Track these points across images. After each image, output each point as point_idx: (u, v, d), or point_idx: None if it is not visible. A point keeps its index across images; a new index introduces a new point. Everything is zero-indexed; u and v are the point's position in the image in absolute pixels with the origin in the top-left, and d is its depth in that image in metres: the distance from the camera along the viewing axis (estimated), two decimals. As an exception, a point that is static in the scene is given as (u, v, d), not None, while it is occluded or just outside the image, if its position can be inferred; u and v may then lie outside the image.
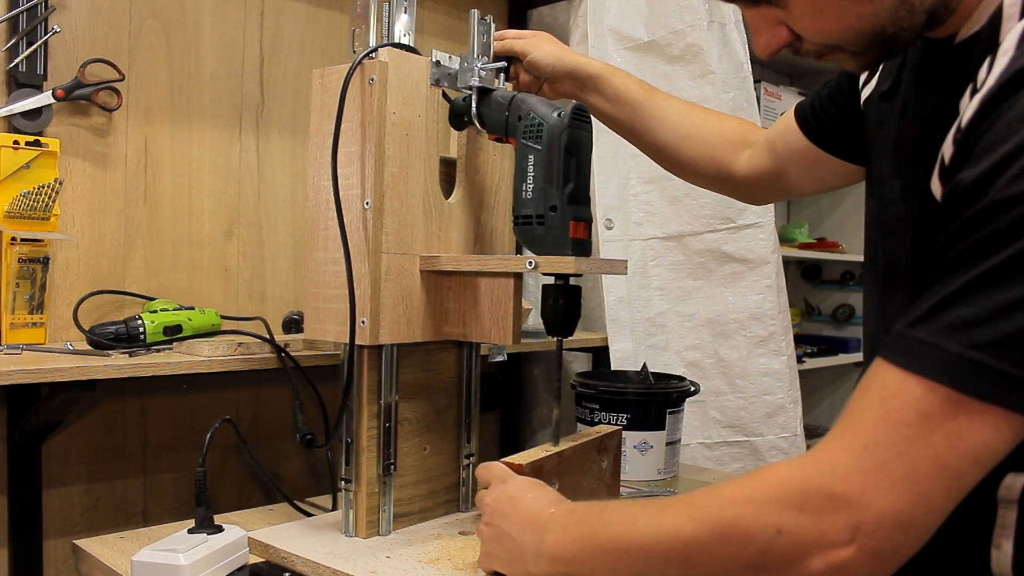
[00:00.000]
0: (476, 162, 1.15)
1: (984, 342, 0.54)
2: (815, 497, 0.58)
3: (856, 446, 0.57)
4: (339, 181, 1.00)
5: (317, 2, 1.60)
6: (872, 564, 0.56)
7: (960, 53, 0.69)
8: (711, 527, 0.63)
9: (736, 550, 0.61)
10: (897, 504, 0.55)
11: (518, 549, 0.80)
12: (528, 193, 1.00)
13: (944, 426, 0.55)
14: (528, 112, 1.01)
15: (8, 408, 1.24)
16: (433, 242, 1.08)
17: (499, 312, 1.03)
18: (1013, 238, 0.54)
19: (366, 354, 1.02)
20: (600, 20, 1.83)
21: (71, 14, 1.30)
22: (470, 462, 1.17)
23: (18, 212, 1.19)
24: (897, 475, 0.55)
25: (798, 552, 0.58)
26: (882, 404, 0.57)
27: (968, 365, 0.54)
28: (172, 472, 1.43)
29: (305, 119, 1.59)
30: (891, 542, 0.56)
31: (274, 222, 1.55)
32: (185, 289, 1.44)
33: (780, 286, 1.77)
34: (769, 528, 0.59)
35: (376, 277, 1.00)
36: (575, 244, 0.98)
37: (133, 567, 0.87)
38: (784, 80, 2.75)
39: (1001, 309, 0.53)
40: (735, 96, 1.75)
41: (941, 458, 0.55)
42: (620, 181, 1.82)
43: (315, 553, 0.97)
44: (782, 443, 1.77)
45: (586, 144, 1.01)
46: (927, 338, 0.56)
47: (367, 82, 1.00)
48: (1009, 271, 0.54)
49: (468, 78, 1.08)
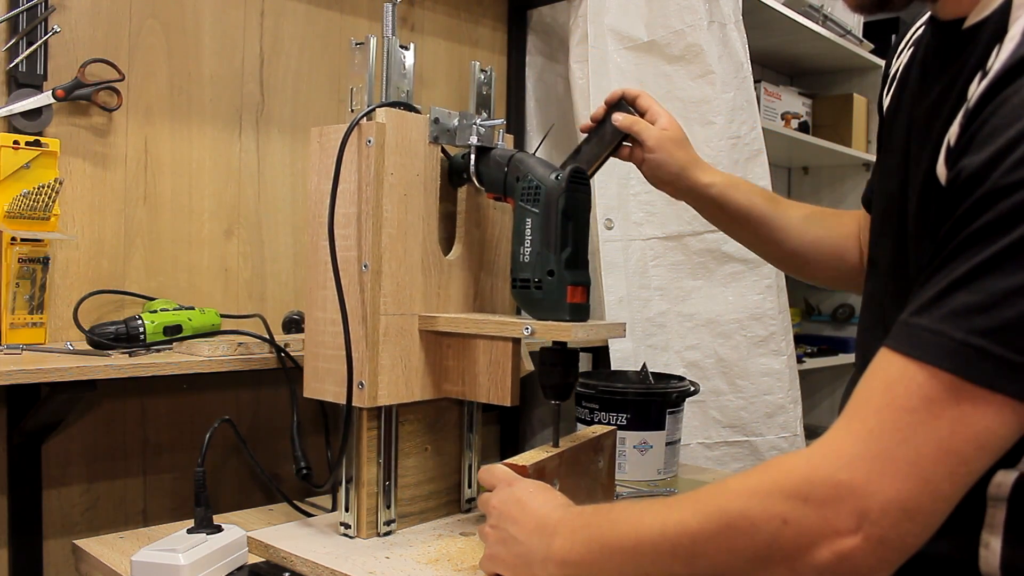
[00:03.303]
0: (476, 217, 1.14)
1: (986, 328, 0.53)
2: (820, 486, 0.57)
3: (860, 434, 0.57)
4: (336, 243, 0.99)
5: (317, 2, 1.60)
6: (879, 553, 0.56)
7: (968, 38, 0.68)
8: (717, 519, 0.63)
9: (742, 542, 0.61)
10: (903, 491, 0.55)
11: (525, 553, 0.80)
12: (526, 257, 0.99)
13: (948, 412, 0.54)
14: (526, 174, 1.00)
15: (8, 408, 1.24)
16: (432, 300, 1.08)
17: (498, 372, 1.02)
18: (1015, 224, 0.53)
19: (365, 415, 1.02)
20: (600, 20, 1.82)
21: (71, 14, 1.30)
22: (471, 464, 1.17)
23: (18, 212, 1.19)
24: (902, 461, 0.55)
25: (804, 542, 0.58)
26: (886, 391, 0.57)
27: (971, 351, 0.54)
28: (172, 472, 1.43)
29: (305, 119, 1.59)
30: (897, 530, 0.56)
31: (274, 222, 1.55)
32: (185, 289, 1.44)
33: (780, 286, 1.77)
34: (775, 518, 0.59)
35: (374, 339, 1.00)
36: (573, 309, 0.97)
37: (132, 567, 0.87)
38: (784, 80, 2.75)
39: (1003, 295, 0.53)
40: (735, 96, 1.75)
41: (945, 444, 0.55)
42: (620, 181, 1.82)
43: (314, 553, 0.97)
44: (782, 443, 1.77)
45: (584, 207, 1.00)
46: (930, 325, 0.56)
47: (364, 143, 0.99)
48: (1011, 257, 0.53)
49: (467, 136, 1.07)
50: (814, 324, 2.96)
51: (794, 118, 2.50)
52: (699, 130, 1.77)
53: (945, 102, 0.68)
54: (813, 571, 0.58)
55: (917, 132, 0.75)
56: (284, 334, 1.43)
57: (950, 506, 0.57)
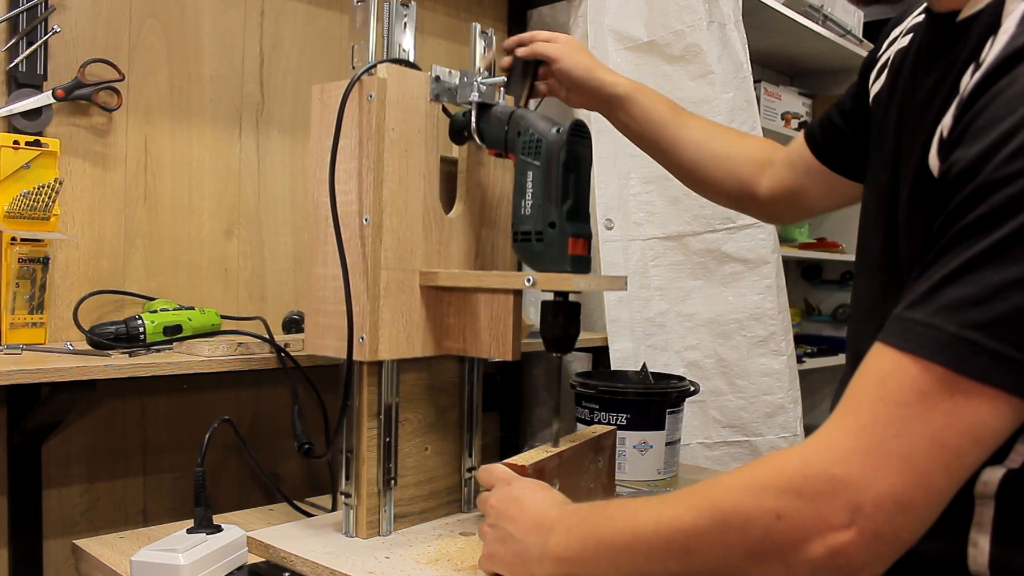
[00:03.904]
0: (477, 176, 1.15)
1: (980, 322, 0.53)
2: (813, 480, 0.57)
3: (854, 428, 0.57)
4: (337, 197, 0.99)
5: (317, 2, 1.60)
6: (873, 548, 0.56)
7: (962, 31, 0.68)
8: (711, 515, 0.63)
9: (736, 537, 0.61)
10: (896, 485, 0.55)
11: (523, 551, 0.80)
12: (527, 209, 1.00)
13: (941, 406, 0.54)
14: (527, 128, 1.01)
15: (8, 408, 1.24)
16: (433, 257, 1.08)
17: (499, 328, 1.02)
18: (1008, 217, 0.53)
19: (365, 369, 1.02)
20: (600, 20, 1.83)
21: (71, 14, 1.30)
22: (472, 465, 1.17)
23: (18, 212, 1.19)
24: (895, 455, 0.55)
25: (798, 537, 0.58)
26: (879, 385, 0.57)
27: (964, 345, 0.54)
28: (172, 472, 1.43)
29: (305, 119, 1.59)
30: (891, 524, 0.55)
31: (274, 222, 1.55)
32: (185, 289, 1.44)
33: (780, 286, 1.77)
34: (768, 513, 0.59)
35: (375, 293, 1.00)
36: (574, 261, 0.97)
37: (132, 567, 0.87)
38: (784, 80, 2.75)
39: (996, 289, 0.53)
40: (735, 96, 1.75)
41: (939, 438, 0.54)
42: (620, 181, 1.82)
43: (314, 553, 0.97)
44: (782, 443, 1.77)
45: (585, 160, 1.00)
46: (923, 319, 0.56)
47: (366, 98, 0.99)
48: (1004, 250, 0.53)
49: (468, 93, 1.07)
50: (814, 324, 2.96)
51: (794, 118, 2.50)
52: (699, 130, 1.76)
53: (937, 94, 0.68)
54: (807, 566, 0.57)
55: (909, 124, 0.75)
56: (284, 334, 1.43)
57: (944, 500, 0.57)
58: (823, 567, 0.57)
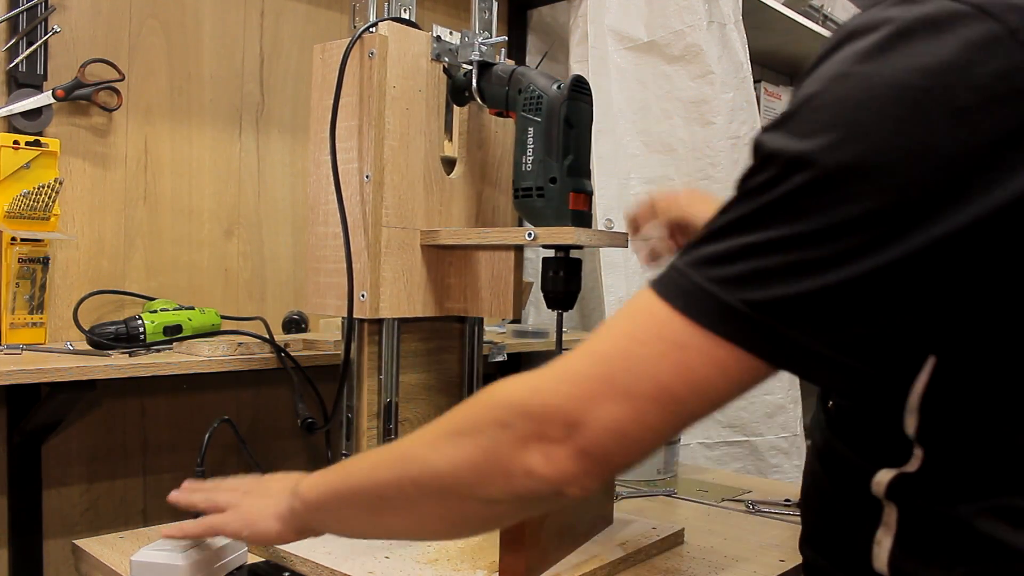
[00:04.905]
0: (479, 137, 1.14)
1: (720, 277, 0.56)
2: (540, 394, 0.60)
3: (594, 356, 0.59)
4: (338, 155, 0.99)
5: (317, 2, 1.60)
6: (583, 465, 0.58)
7: None
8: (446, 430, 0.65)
9: (467, 447, 0.63)
10: (614, 413, 0.57)
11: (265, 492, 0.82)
12: (528, 165, 1.00)
13: (674, 352, 0.56)
14: (528, 84, 1.01)
15: (8, 408, 1.24)
16: (435, 217, 1.08)
17: (499, 286, 1.03)
18: (765, 190, 0.56)
19: (366, 328, 1.02)
20: (600, 20, 1.82)
21: (71, 14, 1.30)
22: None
23: (18, 212, 1.19)
24: (619, 387, 0.57)
25: (519, 445, 0.60)
26: (627, 319, 0.60)
27: (702, 295, 0.56)
28: (172, 472, 1.43)
29: (305, 119, 1.59)
30: (603, 448, 0.58)
31: (274, 222, 1.55)
32: (185, 289, 1.44)
33: (780, 286, 1.76)
34: (495, 422, 0.61)
35: (376, 251, 1.00)
36: (575, 216, 0.98)
37: (132, 567, 0.87)
38: (784, 80, 2.75)
39: (741, 250, 0.55)
40: (735, 96, 1.76)
41: (663, 381, 0.57)
42: (620, 181, 1.82)
43: (314, 553, 0.97)
44: (782, 443, 1.77)
45: (586, 116, 1.00)
46: (680, 267, 0.59)
47: (367, 56, 1.00)
48: (757, 217, 0.56)
49: (469, 53, 1.07)
50: (814, 324, 2.96)
51: (794, 118, 2.50)
52: (699, 130, 1.77)
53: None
54: (523, 471, 0.60)
55: None
56: (284, 334, 1.43)
57: (661, 437, 0.59)
58: (537, 475, 0.59)
